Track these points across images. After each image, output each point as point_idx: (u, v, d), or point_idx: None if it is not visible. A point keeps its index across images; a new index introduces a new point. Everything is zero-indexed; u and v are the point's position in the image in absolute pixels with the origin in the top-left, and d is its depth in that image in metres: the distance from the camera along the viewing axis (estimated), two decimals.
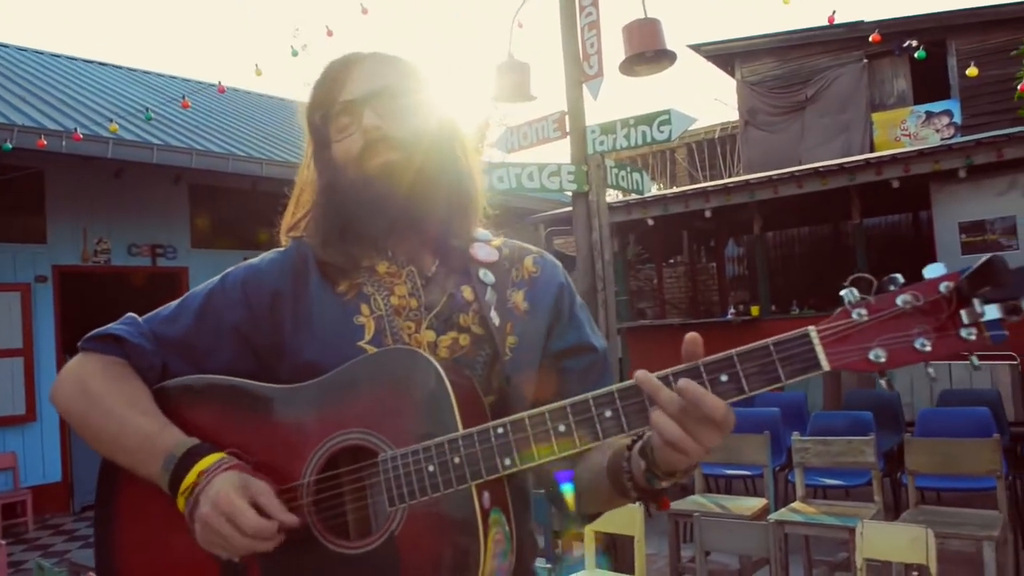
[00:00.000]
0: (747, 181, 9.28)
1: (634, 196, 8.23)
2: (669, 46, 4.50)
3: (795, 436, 4.53)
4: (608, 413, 0.91)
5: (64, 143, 6.89)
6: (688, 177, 18.92)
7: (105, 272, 8.74)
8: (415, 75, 1.19)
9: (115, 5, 46.44)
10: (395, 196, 1.11)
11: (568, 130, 4.65)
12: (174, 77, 12.45)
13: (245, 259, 1.25)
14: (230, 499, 0.96)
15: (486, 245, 1.24)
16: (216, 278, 1.21)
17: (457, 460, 0.95)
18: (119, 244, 8.67)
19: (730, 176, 16.21)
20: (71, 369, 1.16)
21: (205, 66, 44.89)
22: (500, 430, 0.95)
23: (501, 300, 1.18)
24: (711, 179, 17.06)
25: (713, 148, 18.04)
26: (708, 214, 9.20)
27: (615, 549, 4.14)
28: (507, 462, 0.94)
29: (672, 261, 14.39)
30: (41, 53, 11.13)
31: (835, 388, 7.21)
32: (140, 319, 1.20)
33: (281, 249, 1.24)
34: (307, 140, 1.24)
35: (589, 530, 3.53)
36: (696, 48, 14.70)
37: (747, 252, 13.50)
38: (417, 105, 1.16)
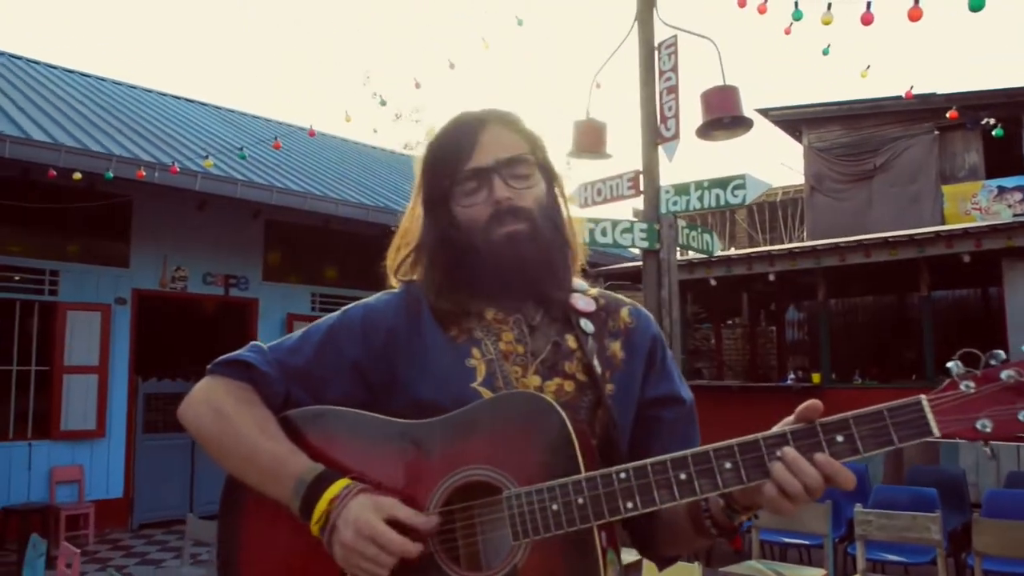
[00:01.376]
0: (813, 247, 9.26)
1: (697, 255, 8.29)
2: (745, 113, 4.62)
3: (858, 508, 4.48)
4: (728, 465, 1.00)
5: (157, 175, 7.27)
6: (748, 239, 18.84)
7: (180, 298, 9.09)
8: (533, 140, 1.28)
9: (211, 47, 48.62)
10: (517, 267, 1.21)
11: (642, 189, 4.78)
12: (267, 119, 13.02)
13: (313, 295, 1.34)
14: (370, 523, 1.04)
15: (584, 296, 1.32)
16: (335, 314, 1.30)
17: (581, 501, 1.02)
18: (196, 272, 9.03)
19: (791, 240, 16.11)
20: (202, 391, 1.24)
21: (295, 110, 46.56)
22: (623, 475, 1.03)
23: (600, 349, 1.26)
24: (771, 242, 16.96)
25: (775, 211, 17.98)
26: (772, 277, 9.18)
27: None
28: (629, 505, 1.02)
29: (731, 323, 14.28)
30: (135, 88, 11.76)
31: (897, 463, 7.07)
32: (265, 347, 1.27)
33: (395, 291, 1.33)
34: (416, 187, 1.32)
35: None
36: (764, 112, 14.78)
37: (809, 318, 13.34)
38: (537, 172, 1.26)
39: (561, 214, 1.30)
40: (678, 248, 4.88)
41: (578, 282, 1.34)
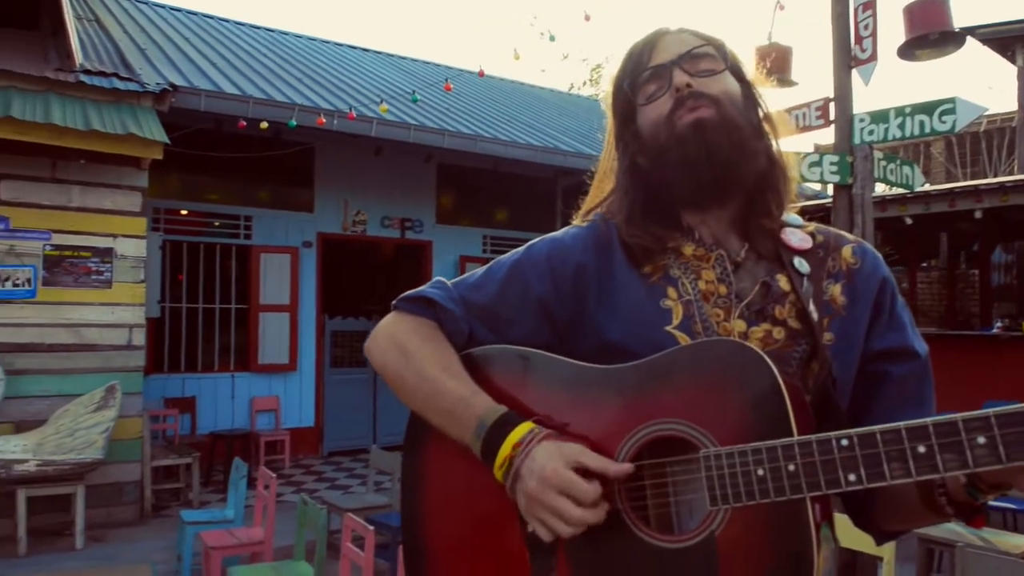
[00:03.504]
0: None
1: (891, 191, 7.60)
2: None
3: None
4: (981, 440, 0.81)
5: (336, 122, 7.54)
6: (945, 174, 17.16)
7: (361, 241, 9.53)
8: (720, 44, 1.15)
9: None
10: (707, 155, 1.06)
11: (832, 118, 4.37)
12: (437, 64, 13.23)
13: (484, 237, 1.25)
14: (558, 472, 0.96)
15: (799, 231, 1.16)
16: (519, 249, 1.22)
17: (792, 468, 0.88)
18: (374, 216, 9.40)
19: (995, 175, 14.49)
20: (386, 327, 1.20)
21: (465, 54, 47.34)
22: (844, 442, 0.87)
23: (817, 292, 1.10)
24: (971, 177, 15.35)
25: (977, 142, 16.22)
26: (978, 215, 8.28)
27: (854, 569, 3.87)
28: (851, 478, 0.86)
29: (926, 265, 13.14)
30: (314, 40, 12.27)
31: None
32: (448, 283, 1.21)
33: (583, 224, 1.22)
34: (609, 126, 1.23)
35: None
36: (970, 31, 13.23)
37: (1018, 259, 12.01)
38: (725, 69, 1.12)
39: (763, 126, 1.14)
40: (873, 183, 4.45)
41: (791, 216, 1.18)
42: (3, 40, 6.59)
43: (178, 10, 11.11)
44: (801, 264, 1.12)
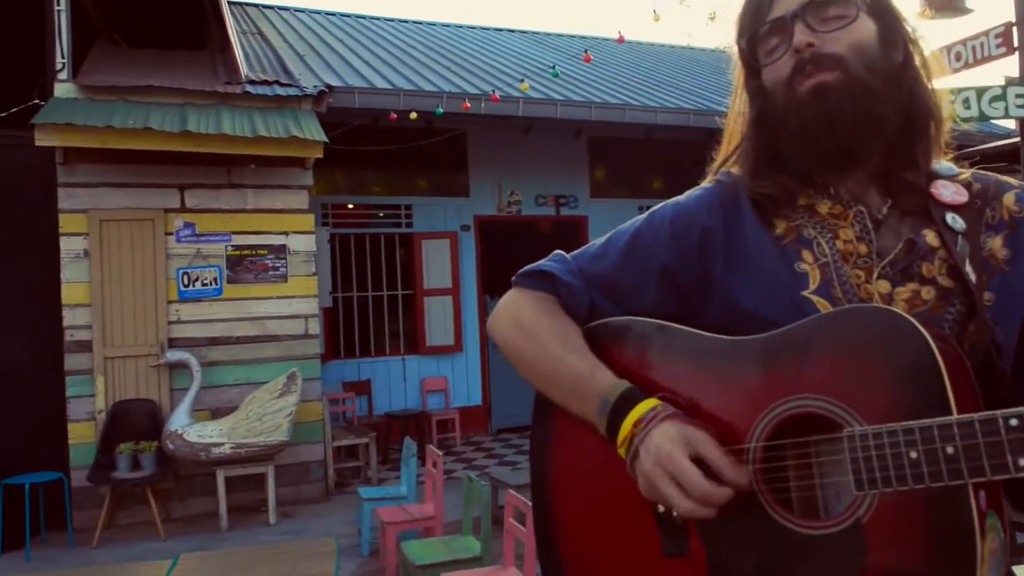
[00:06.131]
0: None
1: None
2: None
3: None
4: None
5: (483, 105, 7.65)
6: None
7: (516, 221, 9.64)
8: None
9: None
10: (827, 125, 0.97)
11: (1016, 44, 3.90)
12: (575, 36, 13.12)
13: (640, 208, 1.18)
14: (672, 458, 0.91)
15: (951, 183, 1.03)
16: (642, 216, 1.16)
17: (951, 450, 0.77)
18: (528, 196, 9.48)
19: None
20: (506, 304, 1.18)
21: (606, 22, 46.68)
22: (1014, 421, 0.74)
23: (975, 250, 0.97)
24: None
25: None
26: None
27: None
28: (1022, 462, 0.74)
29: None
30: (460, 27, 12.50)
31: None
32: (568, 256, 1.18)
33: (707, 186, 1.14)
34: (737, 71, 1.13)
35: None
36: None
37: None
38: (860, 11, 0.99)
39: (906, 67, 1.01)
40: None
41: (943, 164, 1.05)
42: (178, 61, 7.20)
43: (332, 14, 11.67)
44: (955, 221, 0.99)
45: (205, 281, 6.34)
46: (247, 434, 5.81)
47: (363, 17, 11.87)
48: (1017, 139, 4.12)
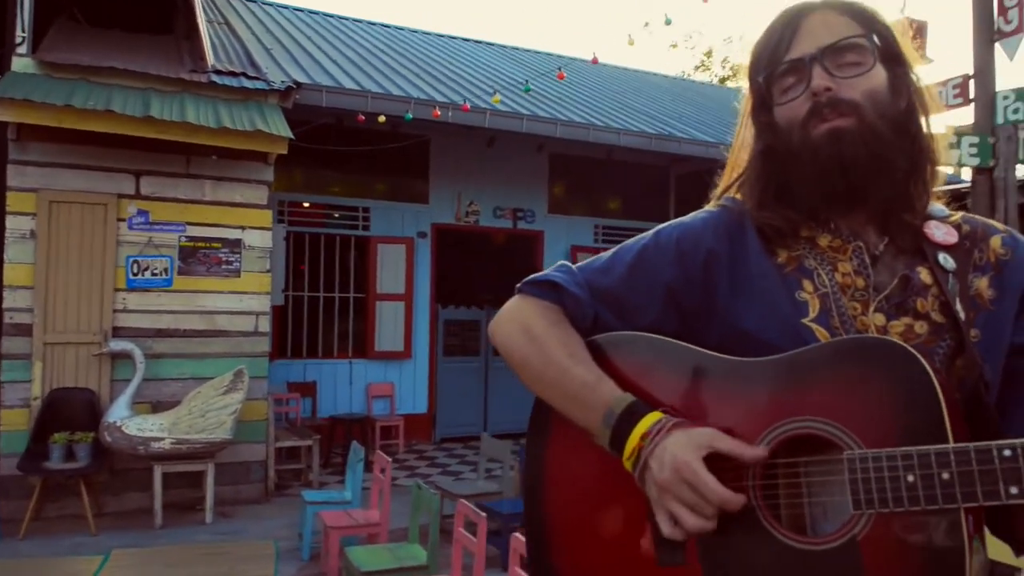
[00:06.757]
0: None
1: None
2: None
3: None
4: None
5: (451, 114, 7.65)
6: None
7: (473, 231, 9.66)
8: (870, 20, 1.06)
9: None
10: (842, 166, 1.01)
11: (972, 96, 4.08)
12: (548, 53, 13.23)
13: (596, 227, 1.22)
14: (691, 465, 0.94)
15: (943, 224, 1.08)
16: (648, 233, 1.18)
17: (946, 476, 0.83)
18: (487, 207, 9.51)
19: None
20: (510, 310, 1.19)
21: (579, 42, 47.14)
22: (1007, 452, 0.81)
23: (963, 288, 1.03)
24: None
25: None
26: None
27: None
28: (1013, 490, 0.80)
29: None
30: (429, 34, 12.50)
31: None
32: (574, 267, 1.20)
33: (713, 208, 1.18)
34: (745, 100, 1.17)
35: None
36: None
37: None
38: (874, 59, 1.04)
39: (912, 113, 1.06)
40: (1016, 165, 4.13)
41: (936, 207, 1.11)
42: (142, 45, 7.04)
43: (301, 10, 11.55)
44: (946, 260, 1.05)
45: (155, 271, 6.19)
46: (189, 430, 5.68)
47: (331, 16, 11.77)
48: (964, 185, 4.31)
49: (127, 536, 5.31)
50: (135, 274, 6.12)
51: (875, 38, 1.05)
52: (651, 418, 1.00)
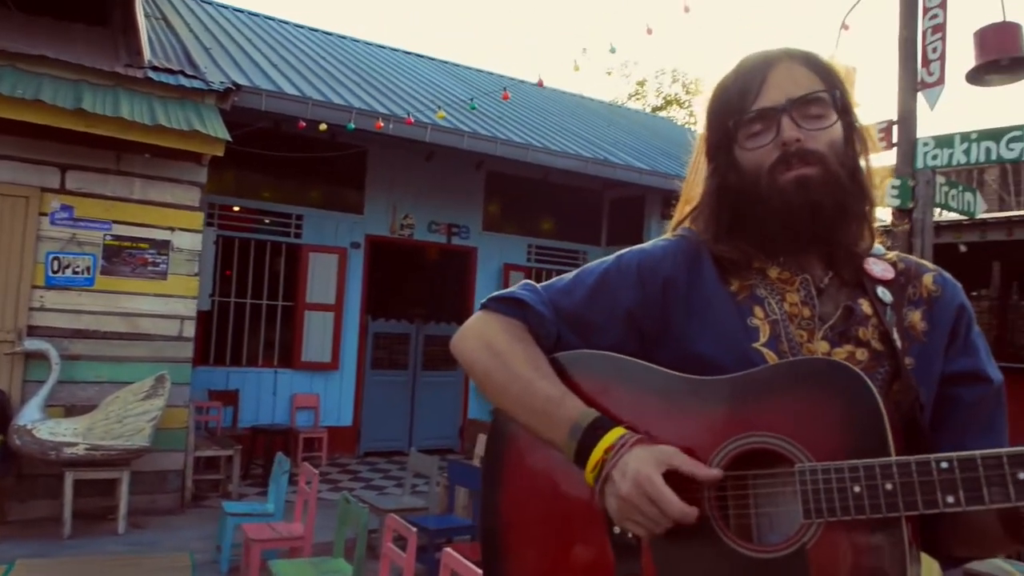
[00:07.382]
0: None
1: (943, 217, 7.45)
2: None
3: None
4: None
5: (392, 126, 7.63)
6: (998, 201, 16.75)
7: (407, 244, 9.61)
8: (831, 76, 1.14)
9: (441, 4, 50.47)
10: (810, 213, 1.08)
11: (895, 141, 4.32)
12: (491, 73, 13.29)
13: (529, 246, 1.26)
14: (651, 479, 0.98)
15: (880, 260, 1.18)
16: (610, 258, 1.24)
17: (890, 487, 0.90)
18: (422, 220, 9.48)
19: None
20: (475, 326, 1.22)
21: (525, 64, 47.51)
22: (944, 464, 0.89)
23: (899, 320, 1.12)
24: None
25: None
26: None
27: None
28: (950, 500, 0.88)
29: (976, 294, 12.85)
30: (371, 44, 12.43)
31: None
32: (538, 287, 1.23)
33: (672, 237, 1.24)
34: (700, 138, 1.24)
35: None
36: None
37: None
38: (833, 112, 1.12)
39: (858, 160, 1.15)
40: (933, 208, 4.38)
41: (875, 246, 1.20)
42: (76, 35, 6.81)
43: (241, 11, 11.35)
44: (884, 294, 1.14)
45: (77, 269, 5.95)
46: (105, 436, 5.47)
47: (272, 19, 11.60)
48: (886, 224, 4.53)
49: (32, 545, 5.07)
50: (55, 271, 5.88)
51: (836, 93, 1.13)
52: (615, 433, 1.05)
